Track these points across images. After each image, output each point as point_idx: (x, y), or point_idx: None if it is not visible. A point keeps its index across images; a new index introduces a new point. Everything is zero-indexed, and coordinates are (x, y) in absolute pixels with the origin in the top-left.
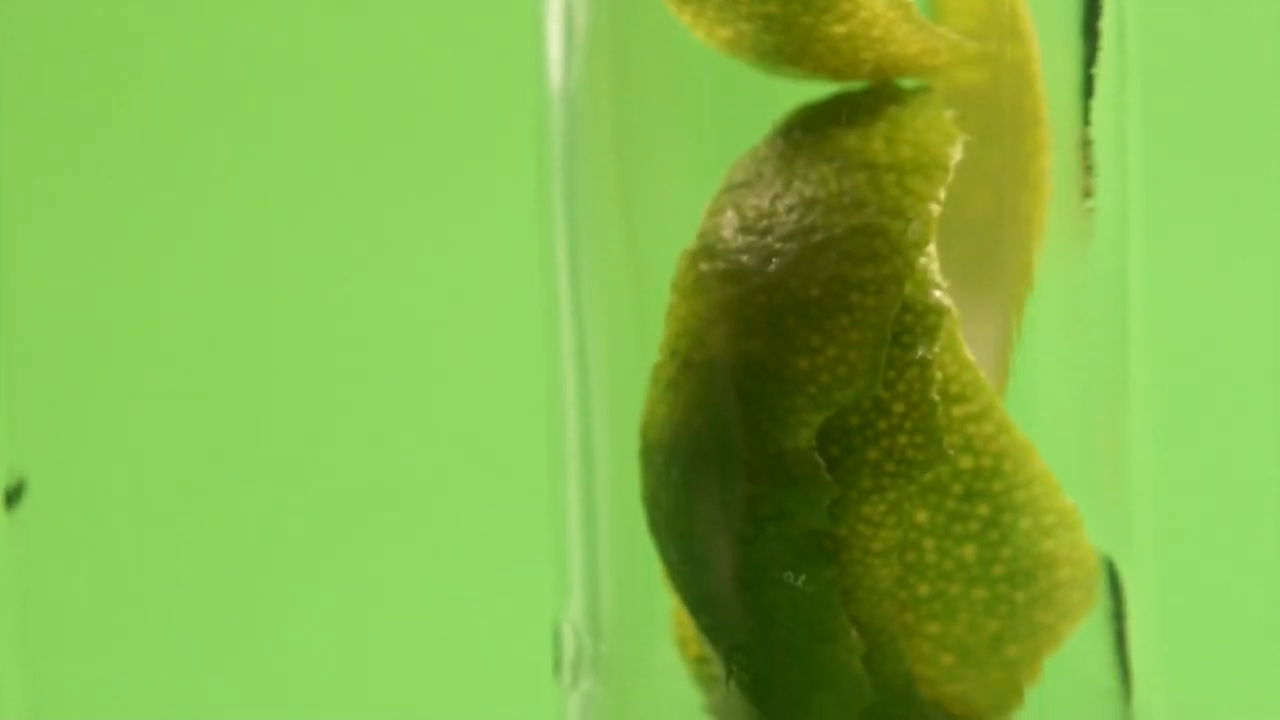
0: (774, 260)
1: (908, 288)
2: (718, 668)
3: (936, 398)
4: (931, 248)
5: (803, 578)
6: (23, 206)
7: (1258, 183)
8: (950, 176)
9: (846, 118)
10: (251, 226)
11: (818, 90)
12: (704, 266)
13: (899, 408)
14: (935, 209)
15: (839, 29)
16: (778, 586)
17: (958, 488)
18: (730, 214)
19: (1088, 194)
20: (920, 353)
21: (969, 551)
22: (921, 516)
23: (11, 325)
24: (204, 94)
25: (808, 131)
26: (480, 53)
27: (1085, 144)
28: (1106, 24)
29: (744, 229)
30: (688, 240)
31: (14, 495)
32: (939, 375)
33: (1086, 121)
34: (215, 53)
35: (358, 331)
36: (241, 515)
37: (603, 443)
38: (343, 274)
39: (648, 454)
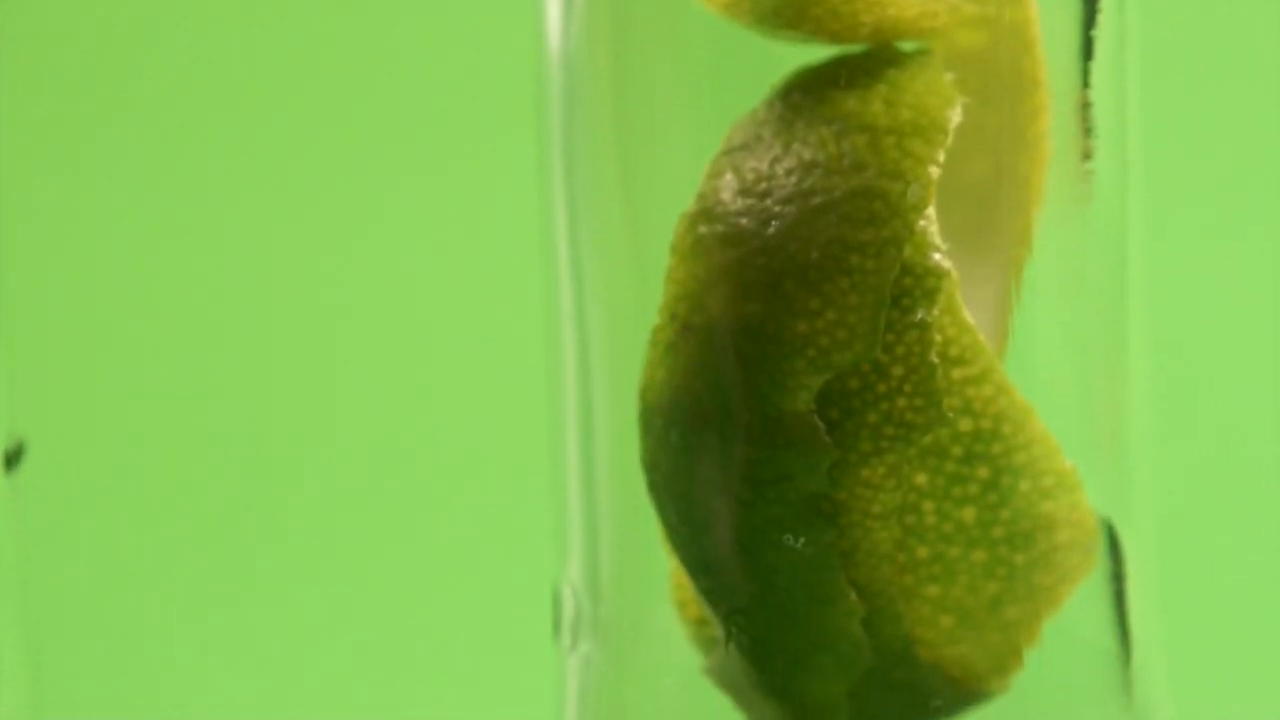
0: (773, 223)
1: (907, 251)
2: (717, 630)
3: (935, 360)
4: (930, 210)
5: (802, 541)
6: (24, 178)
7: (1257, 149)
8: (949, 139)
9: (845, 81)
10: (247, 189)
11: (816, 53)
12: (703, 229)
13: (898, 371)
14: (934, 172)
15: None
16: (777, 549)
17: (957, 450)
18: (729, 177)
19: (1087, 156)
20: (919, 316)
21: (968, 514)
22: (921, 479)
23: (11, 294)
24: (197, 71)
25: (806, 94)
26: (476, 20)
27: (1084, 106)
28: None
29: (743, 192)
30: (686, 203)
31: (13, 458)
32: (938, 338)
33: (1086, 84)
34: (206, 36)
35: (356, 294)
36: (244, 483)
37: (602, 406)
38: (341, 239)
39: (646, 417)
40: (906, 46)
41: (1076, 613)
